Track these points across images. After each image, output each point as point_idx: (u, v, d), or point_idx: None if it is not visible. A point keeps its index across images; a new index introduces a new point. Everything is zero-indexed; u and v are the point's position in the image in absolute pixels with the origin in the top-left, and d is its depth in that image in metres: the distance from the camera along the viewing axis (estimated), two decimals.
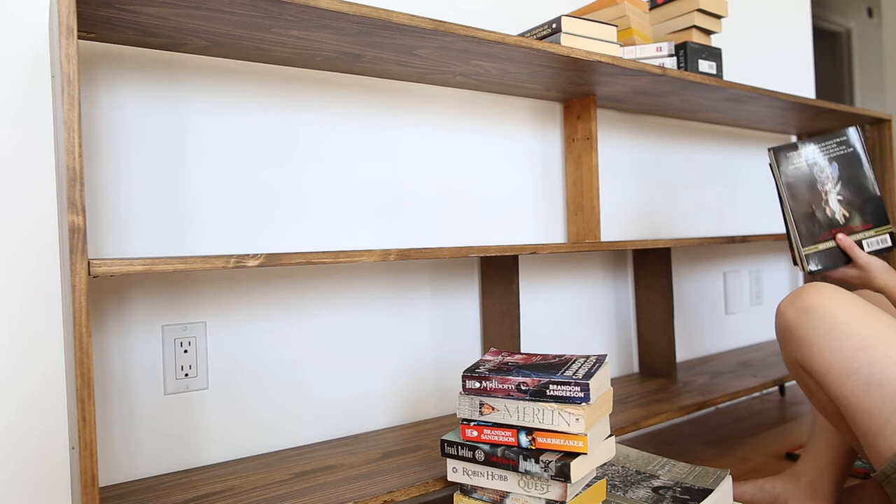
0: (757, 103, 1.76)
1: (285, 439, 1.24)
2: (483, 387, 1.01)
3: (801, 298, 0.99)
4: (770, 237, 1.77)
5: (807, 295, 0.99)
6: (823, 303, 0.97)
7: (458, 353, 1.48)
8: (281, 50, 1.14)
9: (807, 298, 0.99)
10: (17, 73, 1.01)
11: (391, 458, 1.16)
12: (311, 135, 1.28)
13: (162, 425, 1.12)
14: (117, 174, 1.08)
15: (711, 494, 1.10)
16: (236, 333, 1.19)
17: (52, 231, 1.03)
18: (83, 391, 0.79)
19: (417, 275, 1.42)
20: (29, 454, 1.01)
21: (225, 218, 1.18)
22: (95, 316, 1.07)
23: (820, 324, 0.96)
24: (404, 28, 1.06)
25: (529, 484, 0.97)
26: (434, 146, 1.44)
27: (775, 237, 1.79)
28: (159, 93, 1.12)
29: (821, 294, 0.98)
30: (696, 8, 1.57)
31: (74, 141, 0.79)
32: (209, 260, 0.89)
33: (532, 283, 1.61)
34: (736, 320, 2.16)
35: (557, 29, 1.30)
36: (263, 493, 1.00)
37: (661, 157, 1.92)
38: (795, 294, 1.01)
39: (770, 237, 1.77)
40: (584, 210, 1.59)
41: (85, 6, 0.91)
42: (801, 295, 1.00)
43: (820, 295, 0.98)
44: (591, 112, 1.58)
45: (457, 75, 1.36)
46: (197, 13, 0.96)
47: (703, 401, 1.47)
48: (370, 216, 1.35)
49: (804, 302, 0.99)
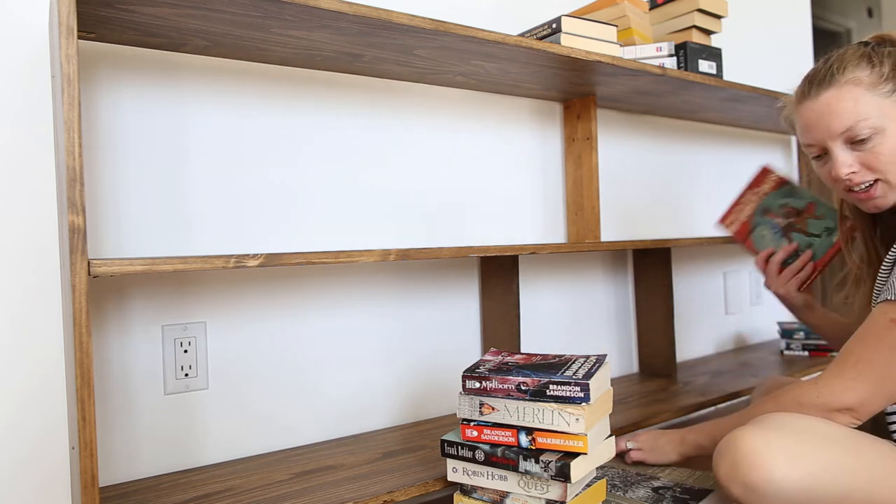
0: (757, 103, 1.76)
1: (285, 439, 1.24)
2: (483, 387, 1.01)
3: (740, 474, 0.89)
4: None
5: (745, 469, 0.88)
6: (767, 478, 0.86)
7: (458, 353, 1.48)
8: (281, 50, 1.14)
9: (747, 475, 0.88)
10: (17, 73, 1.01)
11: (391, 458, 1.16)
12: (311, 135, 1.28)
13: (162, 425, 1.12)
14: (117, 174, 1.08)
15: (711, 494, 1.10)
16: (236, 333, 1.19)
17: (52, 231, 1.03)
18: (83, 391, 0.79)
19: (417, 275, 1.42)
20: (29, 454, 1.01)
21: (225, 218, 1.18)
22: (95, 316, 1.07)
23: (775, 502, 0.87)
24: (404, 28, 1.06)
25: (529, 484, 0.97)
26: (434, 146, 1.44)
27: None
28: (159, 93, 1.12)
29: (759, 467, 0.87)
30: (696, 8, 1.57)
31: (74, 141, 0.79)
32: (209, 260, 0.89)
33: (532, 283, 1.61)
34: (736, 320, 2.16)
35: (557, 29, 1.30)
36: (263, 493, 1.00)
37: (661, 157, 1.91)
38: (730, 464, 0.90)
39: None
40: (584, 210, 1.59)
41: (85, 6, 0.91)
42: (737, 468, 0.89)
43: (759, 468, 0.87)
44: (591, 112, 1.58)
45: (457, 75, 1.36)
46: (197, 13, 0.96)
47: (703, 401, 1.47)
48: (370, 216, 1.35)
49: (746, 479, 0.88)
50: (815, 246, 1.27)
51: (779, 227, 1.31)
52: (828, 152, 1.02)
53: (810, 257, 1.26)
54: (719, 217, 1.36)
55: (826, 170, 1.05)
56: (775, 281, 1.29)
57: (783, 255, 1.27)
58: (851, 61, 0.99)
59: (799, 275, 1.27)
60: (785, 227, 1.30)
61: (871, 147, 0.98)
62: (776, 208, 1.32)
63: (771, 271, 1.29)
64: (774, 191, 1.34)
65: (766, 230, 1.32)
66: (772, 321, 2.31)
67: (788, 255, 1.26)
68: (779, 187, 1.34)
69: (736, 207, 1.37)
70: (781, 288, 1.28)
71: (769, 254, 1.31)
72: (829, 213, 1.28)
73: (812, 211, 1.29)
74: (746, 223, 1.34)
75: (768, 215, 1.33)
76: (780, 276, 1.28)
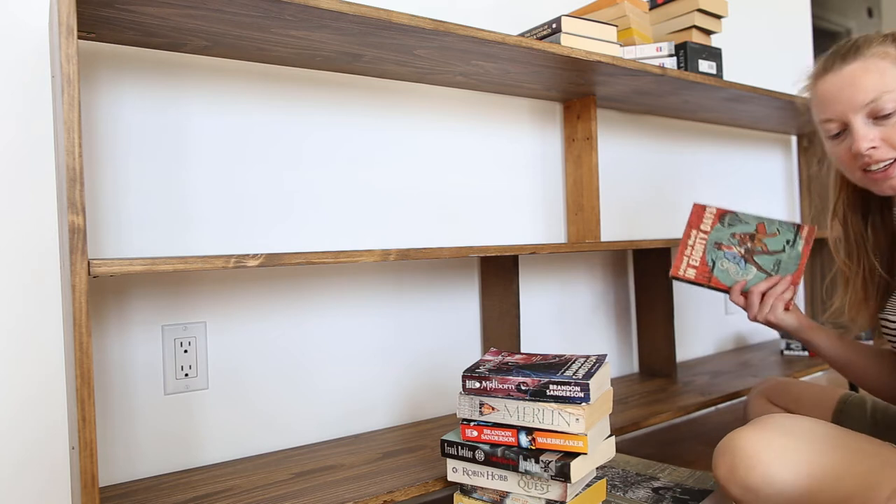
0: (757, 103, 1.76)
1: (285, 439, 1.24)
2: (483, 387, 1.01)
3: (738, 475, 0.88)
4: None
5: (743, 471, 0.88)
6: (766, 480, 0.86)
7: (458, 353, 1.48)
8: (281, 50, 1.14)
9: (746, 476, 0.88)
10: (18, 73, 1.01)
11: (391, 458, 1.16)
12: (311, 134, 1.28)
13: (162, 425, 1.12)
14: (117, 174, 1.08)
15: (711, 494, 1.10)
16: (236, 333, 1.19)
17: (52, 231, 1.03)
18: (83, 391, 0.79)
19: (417, 275, 1.42)
20: (29, 454, 1.01)
21: (225, 218, 1.18)
22: (95, 316, 1.07)
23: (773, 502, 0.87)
24: (404, 28, 1.06)
25: (529, 484, 0.97)
26: (434, 146, 1.44)
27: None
28: (159, 93, 1.12)
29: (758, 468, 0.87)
30: (696, 8, 1.57)
31: (74, 141, 0.79)
32: (209, 260, 0.89)
33: (532, 283, 1.61)
34: (736, 320, 2.16)
35: (557, 29, 1.30)
36: (263, 493, 1.00)
37: (661, 157, 1.91)
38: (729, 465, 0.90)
39: None
40: (584, 210, 1.59)
41: (85, 6, 0.91)
42: (736, 469, 0.89)
43: (757, 469, 0.87)
44: (591, 112, 1.58)
45: (457, 75, 1.36)
46: (197, 13, 0.96)
47: (703, 401, 1.47)
48: (370, 216, 1.35)
49: (744, 480, 0.88)
50: (783, 262, 1.24)
51: (738, 255, 1.27)
52: (847, 128, 0.99)
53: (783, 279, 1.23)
54: (672, 270, 1.28)
55: (843, 148, 1.00)
56: (760, 311, 1.22)
57: (767, 286, 1.21)
58: (877, 39, 0.97)
59: (783, 295, 1.21)
60: (745, 254, 1.26)
61: (894, 122, 0.94)
62: (727, 239, 1.28)
63: (753, 302, 1.22)
64: (718, 223, 1.30)
65: (727, 263, 1.27)
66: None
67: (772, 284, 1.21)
68: (720, 218, 1.30)
69: (685, 252, 1.30)
70: (770, 315, 1.22)
71: (742, 286, 1.25)
72: (782, 227, 1.26)
73: (764, 231, 1.27)
74: (704, 263, 1.28)
75: (722, 248, 1.28)
76: (763, 304, 1.21)
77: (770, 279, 1.22)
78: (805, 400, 1.25)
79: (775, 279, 1.21)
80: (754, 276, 1.26)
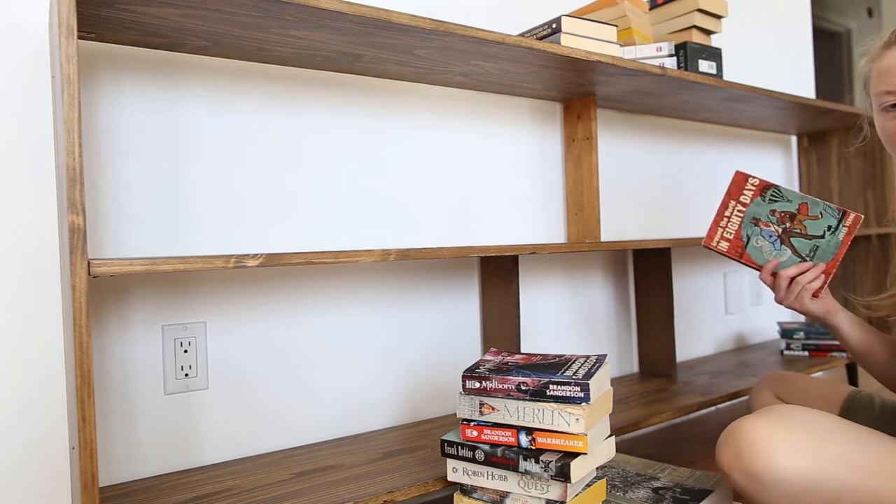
0: (757, 103, 1.76)
1: (285, 439, 1.24)
2: (483, 387, 1.01)
3: (742, 462, 0.89)
4: None
5: (748, 458, 0.88)
6: (770, 467, 0.86)
7: (458, 353, 1.48)
8: (281, 50, 1.14)
9: (750, 463, 0.88)
10: (18, 73, 1.01)
11: (391, 458, 1.16)
12: (311, 135, 1.28)
13: (162, 425, 1.12)
14: (117, 174, 1.08)
15: (712, 494, 1.10)
16: (236, 333, 1.19)
17: (52, 231, 1.03)
18: (83, 391, 0.79)
19: (417, 275, 1.42)
20: (29, 454, 1.01)
21: (225, 218, 1.18)
22: (95, 316, 1.07)
23: (776, 491, 0.87)
24: (404, 28, 1.06)
25: (529, 484, 0.97)
26: (434, 146, 1.44)
27: None
28: (159, 93, 1.12)
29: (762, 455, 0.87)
30: (696, 8, 1.57)
31: (74, 141, 0.79)
32: (209, 260, 0.89)
33: (532, 282, 1.61)
34: (736, 320, 2.16)
35: (557, 29, 1.30)
36: (263, 493, 1.00)
37: (661, 157, 1.91)
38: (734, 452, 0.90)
39: None
40: (584, 210, 1.59)
41: (85, 6, 0.91)
42: (740, 456, 0.89)
43: (762, 457, 0.87)
44: (591, 112, 1.58)
45: (457, 75, 1.36)
46: (197, 13, 0.96)
47: (703, 401, 1.47)
48: (370, 216, 1.35)
49: (748, 467, 0.88)
50: (821, 248, 1.17)
51: (774, 234, 1.20)
52: None
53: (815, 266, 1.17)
54: (704, 240, 1.23)
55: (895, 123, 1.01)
56: (787, 295, 1.18)
57: (797, 271, 1.16)
58: None
59: (811, 284, 1.16)
60: (781, 234, 1.20)
61: None
62: (766, 216, 1.20)
63: (780, 286, 1.18)
64: (759, 197, 1.21)
65: (762, 241, 1.20)
66: (772, 321, 2.31)
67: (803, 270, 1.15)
68: (762, 192, 1.21)
69: (720, 223, 1.23)
70: (795, 302, 1.18)
71: (774, 266, 1.20)
72: (826, 211, 1.18)
73: (806, 211, 1.19)
74: (738, 237, 1.22)
75: (759, 224, 1.21)
76: (790, 290, 1.18)
77: (801, 265, 1.17)
78: (812, 394, 1.24)
79: (807, 265, 1.16)
80: (788, 258, 1.19)
